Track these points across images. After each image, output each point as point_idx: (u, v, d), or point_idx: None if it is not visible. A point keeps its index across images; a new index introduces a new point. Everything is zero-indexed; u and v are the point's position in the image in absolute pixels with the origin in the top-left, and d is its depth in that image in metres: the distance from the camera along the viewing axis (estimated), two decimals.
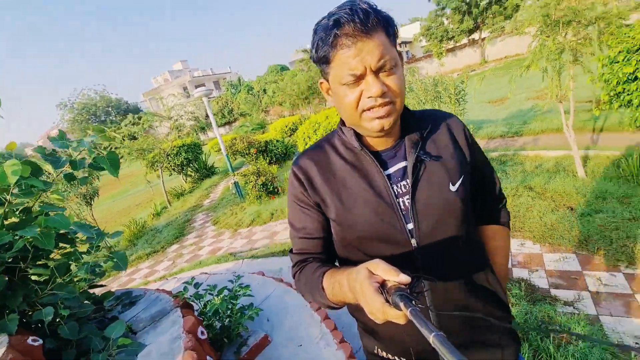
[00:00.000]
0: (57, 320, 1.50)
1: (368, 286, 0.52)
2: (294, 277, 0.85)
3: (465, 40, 27.33)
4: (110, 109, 42.10)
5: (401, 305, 0.46)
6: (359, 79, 0.66)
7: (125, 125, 17.40)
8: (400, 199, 0.75)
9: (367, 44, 0.63)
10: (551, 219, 3.07)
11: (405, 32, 39.63)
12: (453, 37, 26.21)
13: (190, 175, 11.24)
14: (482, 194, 0.91)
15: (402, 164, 0.77)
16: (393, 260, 0.68)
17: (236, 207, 6.81)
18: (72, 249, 1.60)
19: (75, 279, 1.65)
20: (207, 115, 13.84)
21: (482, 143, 6.05)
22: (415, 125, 0.80)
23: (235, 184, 7.09)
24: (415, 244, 0.74)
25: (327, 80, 0.74)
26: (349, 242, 0.78)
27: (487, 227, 0.94)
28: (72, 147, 1.52)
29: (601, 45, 3.38)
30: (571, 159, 4.15)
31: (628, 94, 2.85)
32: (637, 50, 2.69)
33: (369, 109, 0.69)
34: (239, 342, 1.80)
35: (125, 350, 1.45)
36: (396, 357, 0.82)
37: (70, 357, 1.45)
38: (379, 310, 0.50)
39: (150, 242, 6.57)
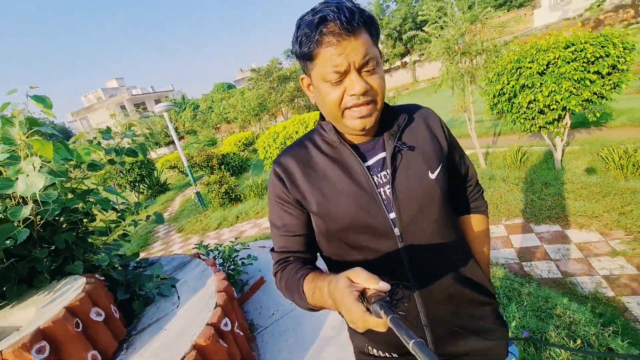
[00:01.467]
0: (109, 266, 2.02)
1: (348, 295, 0.53)
2: (274, 275, 0.84)
3: (398, 63, 30.45)
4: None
5: (381, 313, 0.47)
6: (342, 76, 0.67)
7: None
8: (381, 189, 0.76)
9: (351, 42, 0.64)
10: None
11: None
12: (388, 60, 29.05)
13: (143, 192, 11.09)
14: (460, 184, 0.92)
15: (381, 155, 0.79)
16: (377, 251, 0.71)
17: (200, 215, 7.15)
18: (118, 215, 2.13)
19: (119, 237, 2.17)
20: (160, 132, 13.68)
21: None
22: (393, 117, 0.81)
23: (198, 193, 7.44)
24: (399, 233, 0.74)
25: (309, 76, 0.74)
26: (332, 234, 0.78)
27: (467, 216, 0.95)
28: (116, 138, 2.08)
29: (486, 69, 4.68)
30: (476, 155, 5.42)
31: (500, 104, 4.08)
32: (503, 73, 3.91)
33: (351, 107, 0.70)
34: (241, 285, 2.39)
35: (166, 282, 2.02)
36: (387, 354, 0.82)
37: (122, 292, 1.97)
38: (359, 319, 0.51)
39: None
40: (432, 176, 0.77)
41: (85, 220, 2.00)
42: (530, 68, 3.54)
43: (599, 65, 3.20)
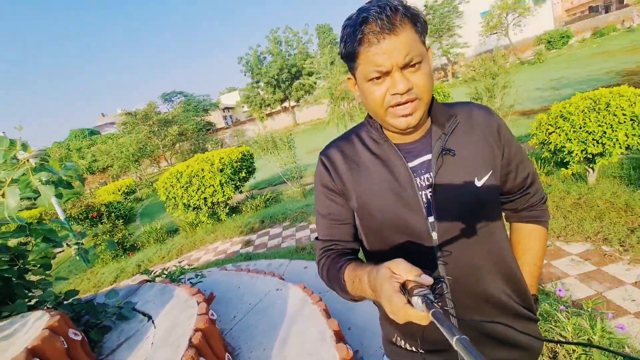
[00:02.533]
0: (53, 302, 1.90)
1: (389, 286, 0.53)
2: (317, 263, 0.85)
3: (279, 107, 32.91)
4: None
5: (423, 306, 0.46)
6: (385, 75, 0.67)
7: None
8: (423, 192, 0.75)
9: (393, 40, 0.64)
10: None
11: (227, 99, 43.30)
12: (269, 104, 31.12)
13: None
14: (517, 191, 0.87)
15: (426, 157, 0.77)
16: (413, 253, 0.72)
17: (85, 273, 6.15)
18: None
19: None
20: None
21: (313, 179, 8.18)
22: (444, 118, 0.78)
23: (79, 249, 6.41)
24: (436, 237, 0.73)
25: (354, 76, 0.75)
26: (370, 230, 0.79)
27: (522, 225, 0.91)
28: None
29: (361, 110, 6.00)
30: None
31: None
32: None
33: (394, 106, 0.69)
34: None
35: (125, 305, 2.03)
36: (414, 348, 0.82)
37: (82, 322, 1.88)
38: (400, 311, 0.50)
39: None
40: (479, 183, 0.75)
41: (24, 254, 1.85)
42: None
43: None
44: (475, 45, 25.79)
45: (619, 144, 3.08)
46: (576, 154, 3.37)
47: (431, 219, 0.74)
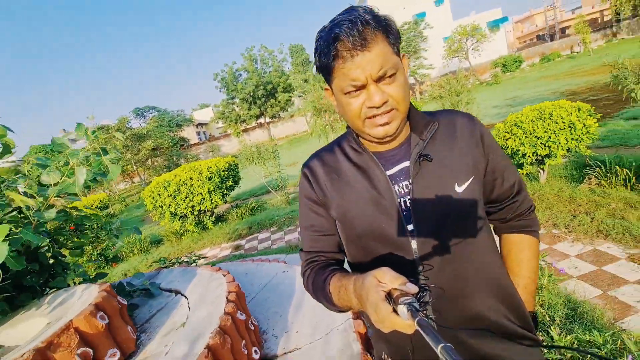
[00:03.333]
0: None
1: (375, 294, 0.52)
2: (302, 275, 0.85)
3: (254, 123, 33.17)
4: None
5: (408, 314, 0.46)
6: (360, 88, 0.67)
7: None
8: (402, 199, 0.74)
9: (366, 55, 0.64)
10: None
11: (200, 115, 42.97)
12: (245, 120, 31.32)
13: None
14: (503, 199, 0.84)
15: (404, 164, 0.76)
16: (393, 263, 0.69)
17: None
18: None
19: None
20: None
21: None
22: (423, 125, 0.77)
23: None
24: (415, 246, 0.71)
25: (331, 88, 0.75)
26: (351, 240, 0.79)
27: (510, 235, 0.87)
28: None
29: (342, 121, 6.49)
30: None
31: None
32: None
33: (371, 117, 0.69)
34: None
35: (151, 285, 2.25)
36: None
37: None
38: (385, 319, 0.50)
39: None
40: (459, 189, 0.73)
41: (62, 238, 2.04)
42: None
43: None
44: (439, 67, 27.77)
45: (561, 146, 3.73)
46: (529, 156, 4.00)
47: (410, 227, 0.73)
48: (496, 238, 0.87)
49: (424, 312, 0.47)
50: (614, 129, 6.03)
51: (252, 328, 1.89)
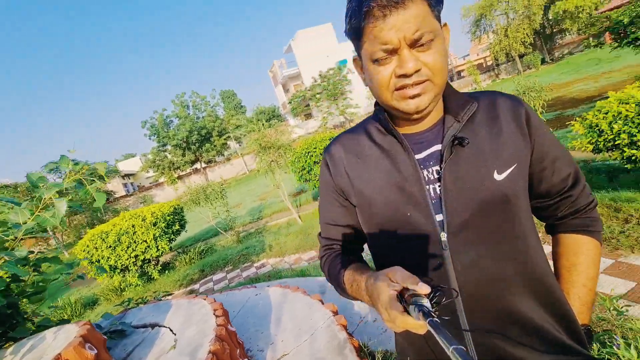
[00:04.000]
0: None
1: (386, 294, 0.52)
2: (320, 259, 0.85)
3: (190, 169, 31.95)
4: None
5: (420, 315, 0.46)
6: (391, 53, 0.60)
7: None
8: (431, 186, 0.68)
9: (402, 14, 0.57)
10: (294, 239, 5.65)
11: (127, 166, 39.98)
12: (179, 167, 30.02)
13: None
14: (554, 193, 0.73)
15: (436, 148, 0.69)
16: (418, 255, 0.67)
17: None
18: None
19: None
20: None
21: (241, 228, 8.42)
22: (459, 105, 0.69)
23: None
24: (445, 239, 0.65)
25: (360, 56, 0.69)
26: (373, 228, 0.74)
27: (564, 236, 0.76)
28: None
29: (285, 157, 6.85)
30: (294, 218, 7.27)
31: (304, 175, 6.21)
32: (301, 156, 6.09)
33: (401, 88, 0.62)
34: None
35: (121, 324, 2.17)
36: None
37: None
38: (396, 319, 0.49)
39: None
40: (499, 177, 0.65)
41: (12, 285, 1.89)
42: (315, 151, 5.85)
43: None
44: (365, 106, 30.64)
45: None
46: None
47: (440, 217, 0.66)
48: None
49: (436, 312, 0.46)
50: None
51: (241, 342, 1.96)
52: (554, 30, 32.02)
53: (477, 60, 45.82)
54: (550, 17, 30.37)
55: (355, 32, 0.64)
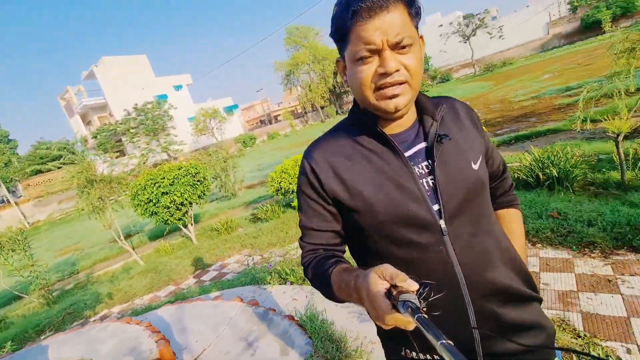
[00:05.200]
0: None
1: (375, 291, 0.53)
2: (303, 264, 0.85)
3: None
4: None
5: (408, 311, 0.47)
6: (374, 54, 0.66)
7: None
8: (423, 180, 0.74)
9: (386, 17, 0.63)
10: (141, 280, 5.10)
11: None
12: None
13: None
14: (494, 177, 0.91)
15: (421, 145, 0.76)
16: (421, 244, 0.71)
17: None
18: None
19: None
20: None
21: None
22: (432, 106, 0.79)
23: None
24: (443, 225, 0.71)
25: (343, 58, 0.74)
26: (372, 229, 0.75)
27: (503, 210, 0.94)
28: None
29: (123, 189, 6.10)
30: (133, 260, 6.37)
31: (150, 209, 5.72)
32: (145, 187, 5.63)
33: (382, 87, 0.68)
34: None
35: None
36: (428, 356, 0.77)
37: None
38: (385, 315, 0.51)
39: None
40: (475, 167, 0.76)
41: None
42: (164, 181, 5.60)
43: (197, 177, 5.94)
44: (190, 143, 29.58)
45: None
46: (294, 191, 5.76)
47: (435, 207, 0.72)
48: None
49: (423, 308, 0.47)
50: None
51: None
52: (341, 90, 41.97)
53: (290, 107, 53.44)
54: (339, 81, 39.83)
55: (342, 33, 0.69)
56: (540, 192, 3.75)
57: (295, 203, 6.07)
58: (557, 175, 3.67)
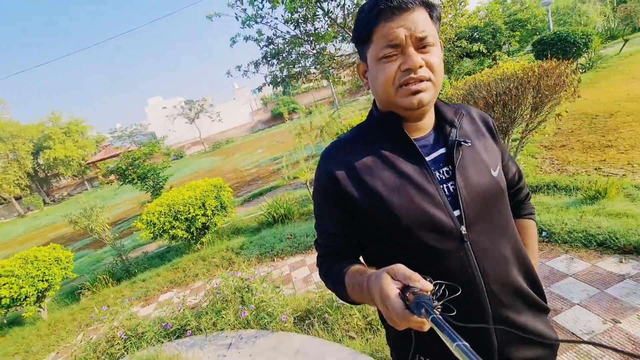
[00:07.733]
0: None
1: (389, 291, 0.52)
2: (318, 265, 0.85)
3: None
4: None
5: (422, 311, 0.46)
6: (398, 51, 0.67)
7: None
8: (444, 185, 0.73)
9: (410, 15, 0.65)
10: None
11: None
12: None
13: None
14: (512, 186, 0.90)
15: (441, 150, 0.76)
16: (441, 249, 0.70)
17: None
18: None
19: None
20: None
21: None
22: (450, 111, 0.79)
23: None
24: (465, 231, 0.71)
25: (365, 61, 0.75)
26: (392, 234, 0.73)
27: (519, 220, 0.92)
28: None
29: None
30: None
31: None
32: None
33: (405, 84, 0.68)
34: None
35: None
36: None
37: None
38: (399, 316, 0.50)
39: None
40: (494, 173, 0.76)
41: None
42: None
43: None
44: None
45: (56, 277, 4.74)
46: (32, 294, 4.52)
47: (456, 212, 0.71)
48: None
49: (439, 309, 0.47)
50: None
51: None
52: (48, 174, 33.30)
53: None
54: (42, 163, 31.46)
55: (365, 33, 0.70)
56: (277, 225, 5.41)
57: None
58: (284, 213, 5.48)
